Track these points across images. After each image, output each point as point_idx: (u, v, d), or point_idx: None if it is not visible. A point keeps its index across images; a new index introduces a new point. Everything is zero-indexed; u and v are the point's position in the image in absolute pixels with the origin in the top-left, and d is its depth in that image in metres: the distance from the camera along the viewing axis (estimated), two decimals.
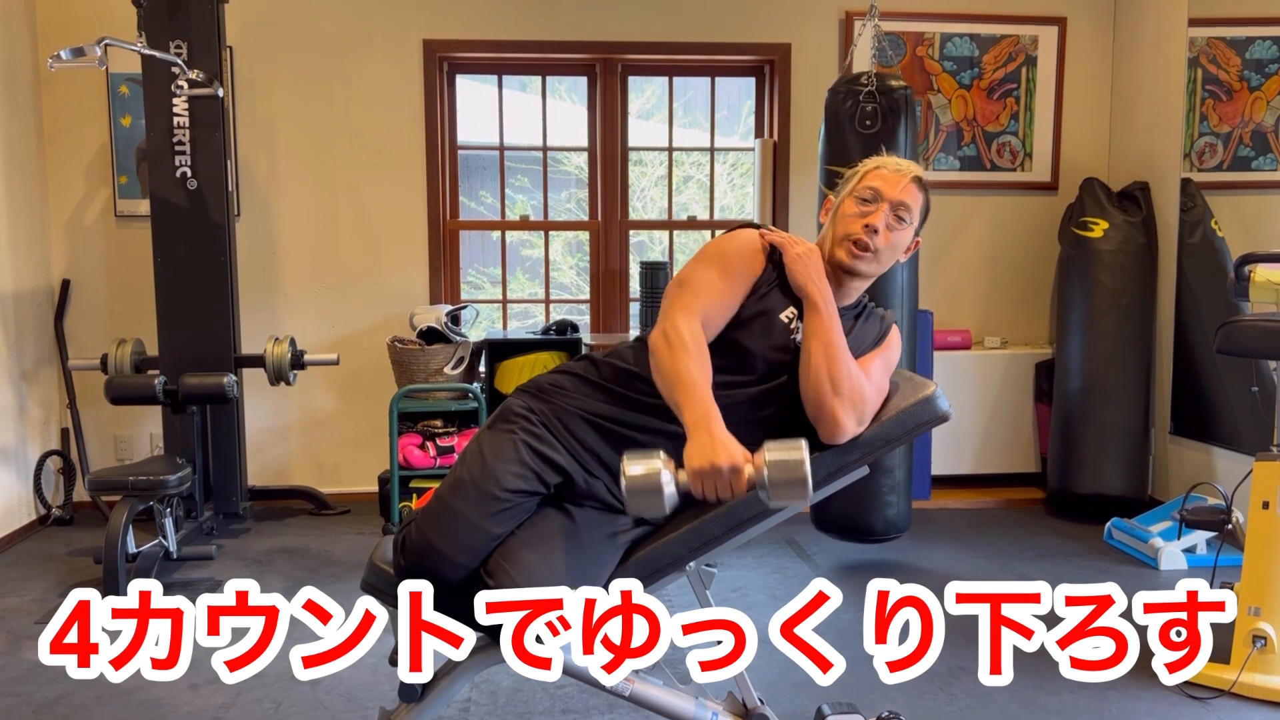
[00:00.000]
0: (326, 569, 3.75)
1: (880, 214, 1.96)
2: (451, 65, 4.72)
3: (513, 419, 1.90)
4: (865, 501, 3.65)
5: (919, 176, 2.02)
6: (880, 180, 1.98)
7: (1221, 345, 2.78)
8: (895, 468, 3.69)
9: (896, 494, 3.69)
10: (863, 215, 1.97)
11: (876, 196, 1.97)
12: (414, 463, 4.23)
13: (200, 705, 2.65)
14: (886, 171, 1.99)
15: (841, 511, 3.72)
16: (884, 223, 1.96)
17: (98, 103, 4.46)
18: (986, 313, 4.93)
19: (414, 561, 1.78)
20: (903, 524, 3.74)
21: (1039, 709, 2.63)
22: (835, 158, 3.72)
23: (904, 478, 3.73)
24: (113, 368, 4.15)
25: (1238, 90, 4.09)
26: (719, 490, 1.67)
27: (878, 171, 2.00)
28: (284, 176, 4.58)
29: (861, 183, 2.00)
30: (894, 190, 1.97)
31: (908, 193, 1.98)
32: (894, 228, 1.97)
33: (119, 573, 3.27)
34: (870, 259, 1.97)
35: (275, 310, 4.62)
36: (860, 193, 1.99)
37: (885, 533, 3.72)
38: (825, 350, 1.88)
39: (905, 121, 3.66)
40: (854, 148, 3.65)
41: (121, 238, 4.52)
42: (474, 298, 5.18)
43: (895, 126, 3.64)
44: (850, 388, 1.88)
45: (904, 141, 3.65)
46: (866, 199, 1.98)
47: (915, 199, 2.00)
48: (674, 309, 1.88)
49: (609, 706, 2.62)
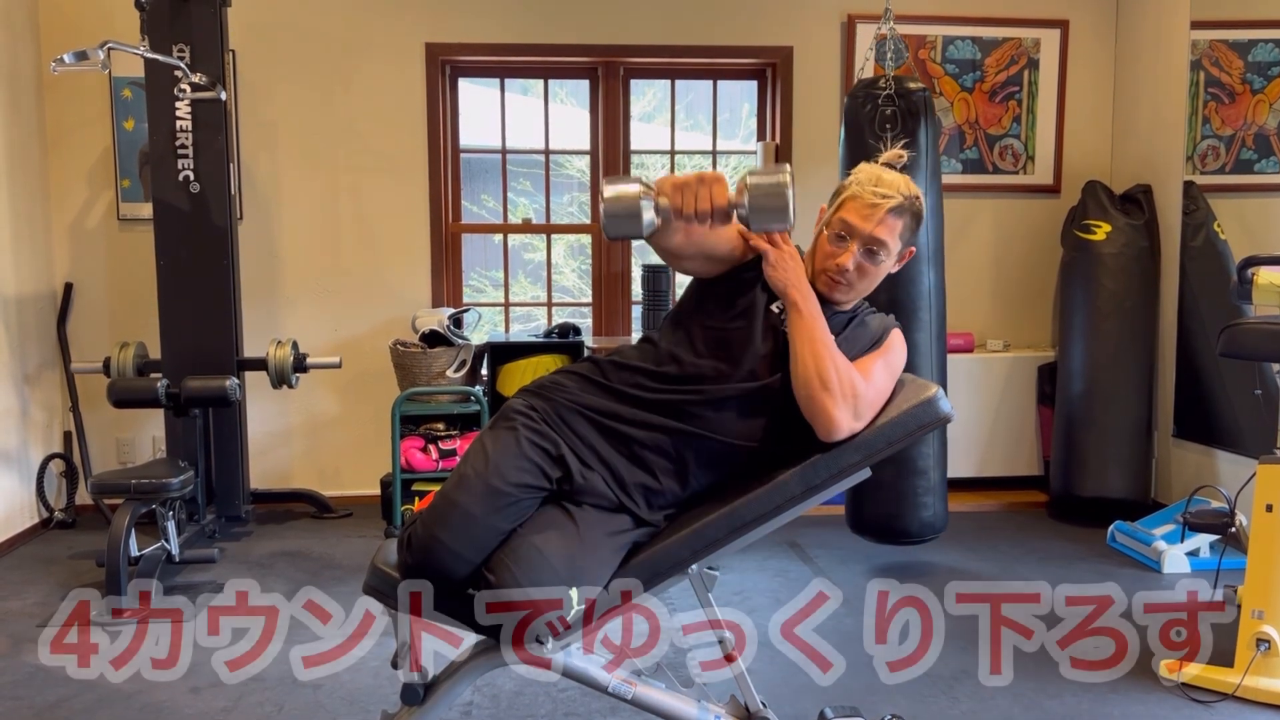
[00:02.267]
0: (328, 572, 3.75)
1: (850, 255, 1.97)
2: (454, 68, 4.73)
3: (513, 416, 1.92)
4: (901, 503, 3.64)
5: (899, 204, 1.97)
6: (855, 214, 1.97)
7: (1224, 348, 2.77)
8: (930, 469, 3.67)
9: (932, 495, 3.68)
10: (834, 254, 1.98)
11: (847, 234, 1.98)
12: (416, 466, 4.23)
13: (201, 709, 2.65)
14: (861, 204, 1.97)
15: (877, 513, 3.71)
16: (854, 263, 1.98)
17: (100, 106, 4.46)
18: (989, 316, 4.93)
19: (419, 558, 1.78)
20: (939, 525, 3.73)
21: (1041, 712, 2.63)
22: (855, 162, 3.68)
23: (939, 479, 3.71)
24: (115, 371, 4.15)
25: (1240, 93, 4.09)
26: (698, 200, 1.68)
27: (853, 204, 1.98)
28: (286, 180, 4.58)
29: (837, 213, 2.00)
30: (867, 225, 1.96)
31: (881, 227, 1.96)
32: (866, 264, 1.99)
33: (121, 576, 3.27)
34: (846, 289, 2.00)
35: (277, 313, 4.62)
36: (834, 227, 1.99)
37: (921, 534, 3.71)
38: (809, 347, 1.89)
39: (926, 123, 3.64)
40: (875, 152, 3.62)
41: (124, 241, 4.53)
42: (476, 301, 5.19)
43: (915, 129, 3.62)
44: (839, 383, 1.88)
45: (925, 144, 3.63)
46: (840, 235, 1.98)
47: (892, 230, 1.97)
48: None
49: (611, 710, 2.61)
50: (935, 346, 3.69)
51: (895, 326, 2.09)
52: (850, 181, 2.02)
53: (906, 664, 2.92)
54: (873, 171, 2.02)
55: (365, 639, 3.09)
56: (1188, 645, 2.96)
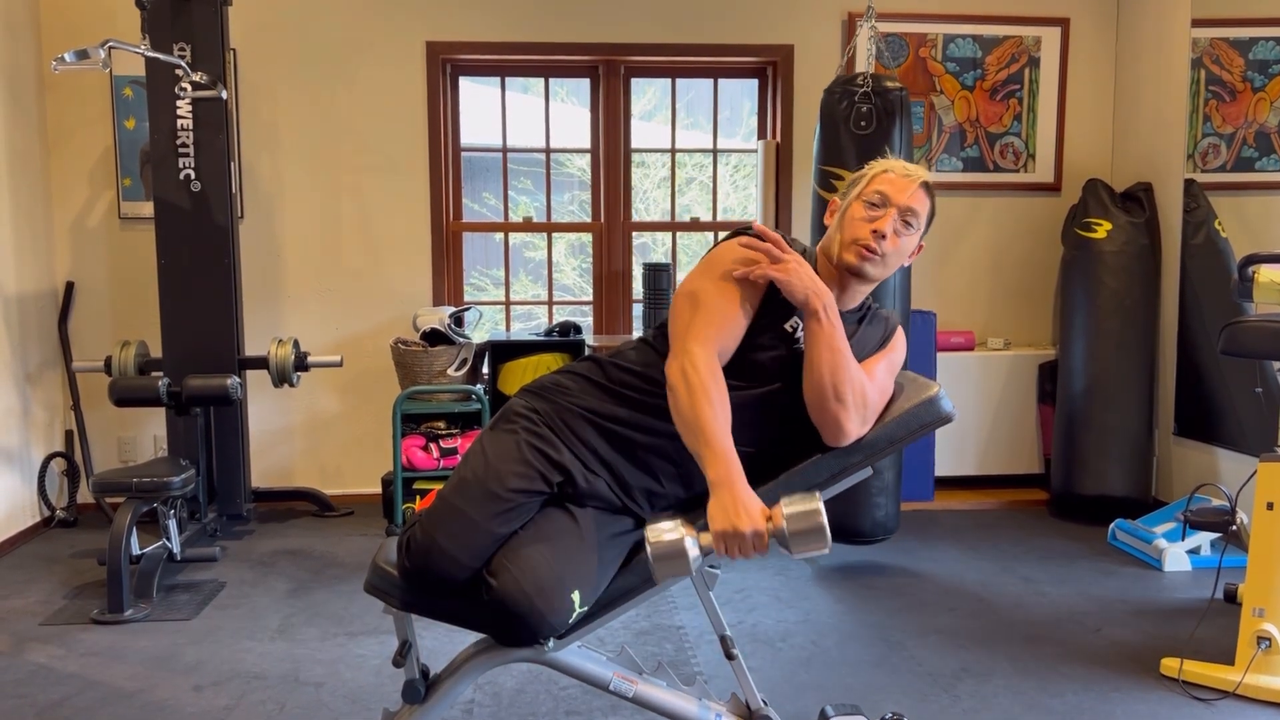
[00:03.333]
0: (330, 571, 3.75)
1: (888, 219, 1.96)
2: (454, 67, 4.72)
3: (515, 419, 1.91)
4: (853, 503, 3.63)
5: (926, 182, 2.01)
6: (888, 185, 1.98)
7: (1225, 346, 2.77)
8: (884, 469, 3.67)
9: (885, 495, 3.68)
10: (871, 220, 1.96)
11: (885, 201, 1.97)
12: (417, 464, 4.23)
13: (204, 707, 2.65)
14: (894, 176, 1.99)
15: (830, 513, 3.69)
16: (891, 228, 1.96)
17: (102, 105, 4.46)
18: (989, 314, 4.93)
19: (418, 562, 1.78)
20: (891, 525, 3.73)
21: (1043, 711, 2.63)
22: (830, 159, 3.71)
23: (893, 479, 3.72)
24: (116, 370, 4.15)
25: (1241, 91, 4.08)
26: (742, 551, 1.72)
27: (885, 175, 2.00)
28: (287, 178, 4.58)
29: (870, 186, 2.00)
30: (902, 195, 1.97)
31: (915, 198, 1.98)
32: (901, 233, 1.98)
33: (123, 574, 3.27)
34: (878, 262, 1.97)
35: (279, 312, 4.62)
36: (868, 197, 1.99)
37: (873, 534, 3.71)
38: (828, 358, 1.87)
39: (900, 123, 3.65)
40: (849, 149, 3.65)
41: (125, 240, 4.53)
42: (477, 299, 5.19)
43: (890, 128, 3.63)
44: (853, 393, 1.88)
45: (899, 143, 3.64)
46: (875, 203, 1.98)
47: (922, 204, 2.00)
48: (690, 339, 1.86)
49: (612, 708, 2.62)
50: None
51: (899, 325, 2.10)
52: (870, 168, 2.04)
53: (907, 663, 2.93)
54: (892, 160, 2.06)
55: (366, 637, 3.11)
56: (1188, 643, 2.97)
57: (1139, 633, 3.14)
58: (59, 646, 3.06)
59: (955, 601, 3.44)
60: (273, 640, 3.10)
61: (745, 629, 3.20)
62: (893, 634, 3.16)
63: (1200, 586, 3.54)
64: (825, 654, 3.01)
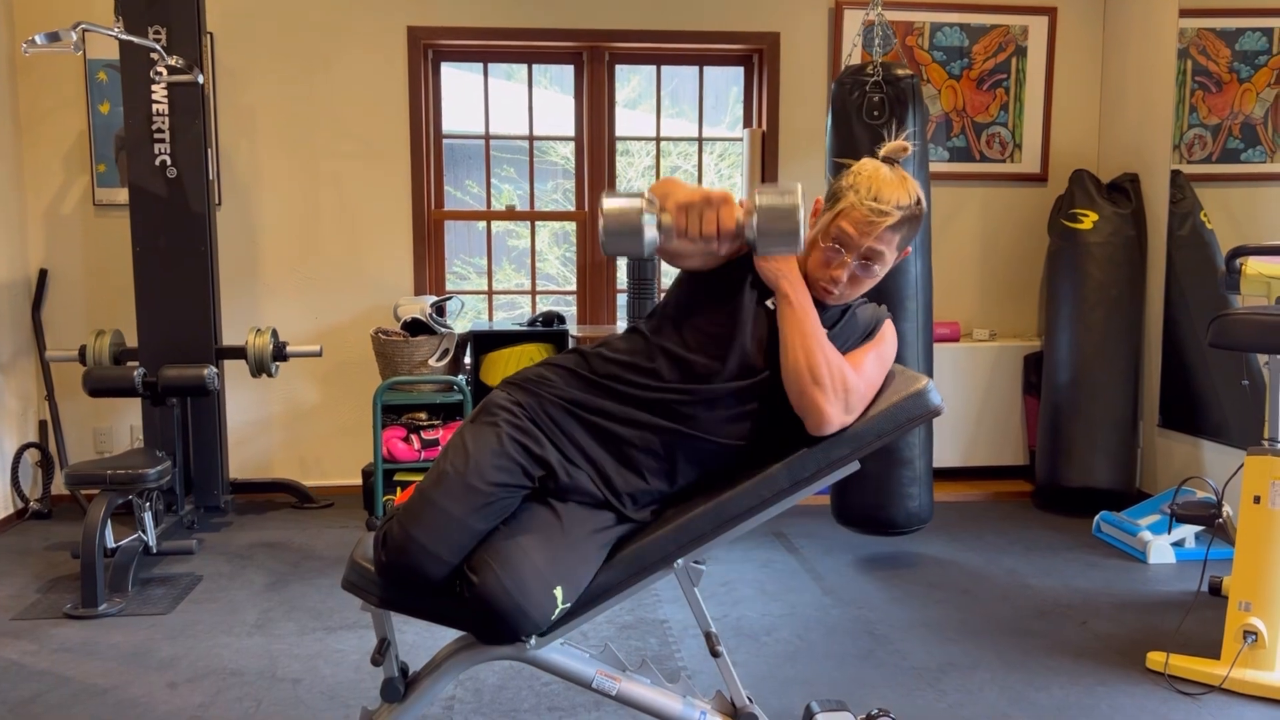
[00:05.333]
0: (308, 564, 3.70)
1: (844, 268, 1.90)
2: (436, 53, 4.66)
3: (496, 411, 1.86)
4: (886, 494, 3.61)
5: (897, 221, 1.88)
6: (853, 224, 1.88)
7: (1215, 339, 2.75)
8: (915, 459, 3.64)
9: (918, 485, 3.65)
10: (828, 264, 1.91)
11: (843, 245, 1.89)
12: (398, 456, 4.18)
13: (179, 704, 2.60)
14: (861, 214, 1.87)
15: (862, 504, 3.68)
16: (848, 274, 1.91)
17: (76, 89, 4.38)
18: (975, 305, 4.91)
19: (395, 558, 1.73)
20: (925, 515, 3.70)
21: (1029, 705, 2.61)
22: (843, 150, 3.66)
23: (924, 469, 3.69)
24: (91, 359, 4.08)
25: (1227, 82, 4.07)
26: (704, 224, 1.60)
27: (853, 213, 1.88)
28: (265, 165, 4.51)
29: (835, 221, 1.90)
30: (864, 239, 1.88)
31: (880, 241, 1.89)
32: (859, 274, 1.92)
33: (97, 568, 3.22)
34: (837, 298, 1.94)
35: (257, 301, 4.56)
36: (831, 235, 1.90)
37: (908, 525, 3.68)
38: (800, 340, 1.84)
39: (914, 111, 3.61)
40: (862, 139, 3.59)
41: (100, 227, 4.45)
42: (459, 289, 5.13)
43: (904, 116, 3.58)
44: (830, 376, 1.84)
45: (913, 132, 3.58)
46: (834, 248, 1.90)
47: (889, 242, 1.90)
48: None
49: (595, 704, 2.58)
50: (922, 337, 3.67)
51: (887, 317, 2.06)
52: (849, 185, 1.91)
53: (893, 656, 2.91)
54: (873, 179, 1.90)
55: (345, 632, 3.06)
56: (1174, 636, 2.96)
57: (1124, 626, 3.13)
58: (31, 642, 3.00)
59: (941, 594, 3.42)
60: (250, 635, 3.05)
61: (730, 622, 3.17)
62: (878, 627, 3.13)
63: (1184, 579, 3.53)
64: (811, 648, 2.98)
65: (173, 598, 3.34)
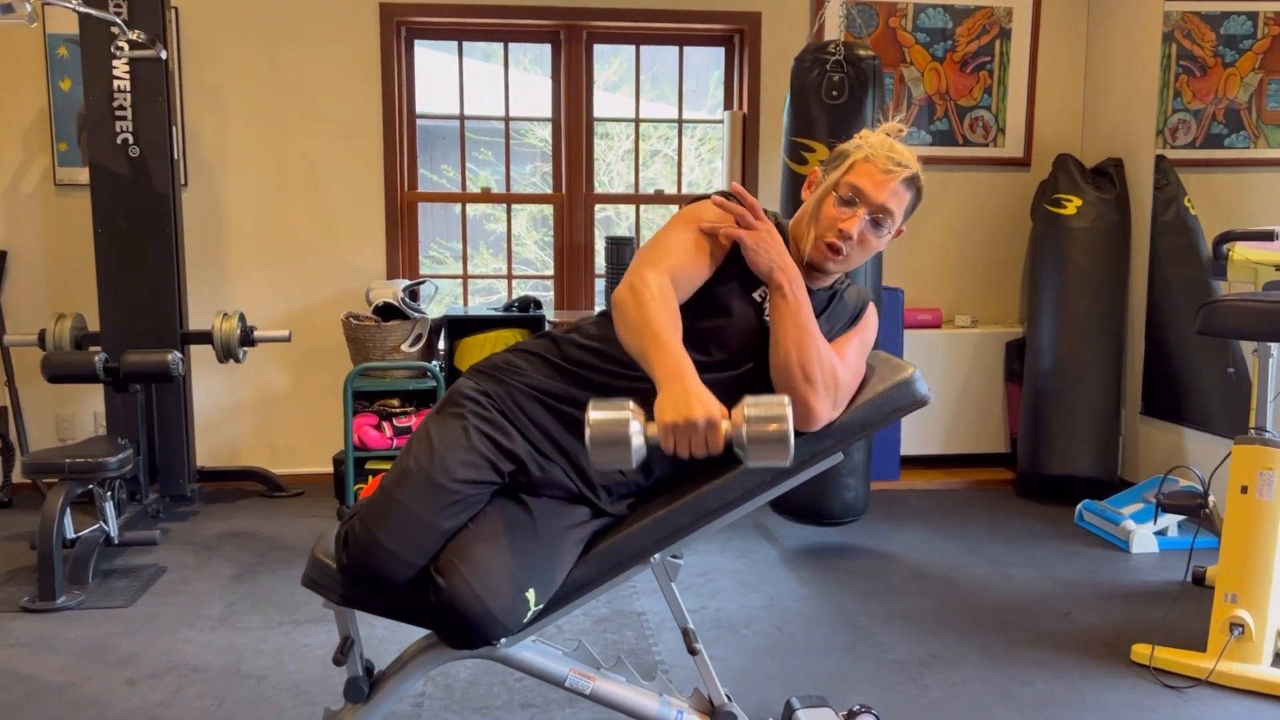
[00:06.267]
0: (277, 554, 3.61)
1: (857, 220, 1.84)
2: (410, 31, 4.54)
3: (463, 402, 1.76)
4: (823, 485, 3.54)
5: (912, 175, 1.87)
6: (866, 179, 1.84)
7: (1203, 326, 2.69)
8: (854, 450, 3.58)
9: (855, 477, 3.60)
10: (839, 218, 1.84)
11: (857, 199, 1.84)
12: (370, 443, 4.09)
13: (137, 702, 2.51)
14: (875, 168, 1.84)
15: (798, 494, 3.60)
16: (859, 229, 1.84)
17: (35, 65, 4.24)
18: (957, 291, 4.86)
19: (358, 560, 1.64)
20: (861, 507, 3.65)
21: (1013, 700, 2.56)
22: (801, 129, 3.59)
23: (863, 460, 3.63)
24: (51, 344, 3.96)
25: (1212, 66, 4.02)
26: (693, 447, 1.53)
27: (865, 166, 1.84)
28: (233, 145, 4.39)
29: (846, 176, 1.85)
30: (879, 194, 1.83)
31: (893, 198, 1.84)
32: (870, 234, 1.86)
33: (55, 559, 3.11)
34: (841, 260, 1.87)
35: (224, 284, 4.44)
36: (842, 190, 1.85)
37: (843, 516, 3.63)
38: (794, 335, 1.76)
39: (873, 93, 3.54)
40: (819, 119, 3.53)
41: (61, 207, 4.32)
42: (436, 273, 5.03)
43: (863, 98, 3.52)
44: (822, 373, 1.76)
45: (870, 114, 3.53)
46: (846, 199, 1.85)
47: (900, 202, 1.86)
48: (642, 265, 1.76)
49: (569, 700, 2.51)
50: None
51: (870, 300, 1.99)
52: (859, 145, 1.88)
53: (874, 649, 2.85)
54: (883, 142, 1.88)
55: (313, 625, 2.97)
56: (1159, 628, 2.92)
57: (1108, 617, 3.09)
58: None
59: (922, 584, 3.37)
60: (214, 629, 2.95)
61: (708, 615, 3.11)
62: (859, 619, 3.08)
63: (1167, 569, 3.49)
64: (790, 641, 2.92)
65: (135, 590, 3.24)
